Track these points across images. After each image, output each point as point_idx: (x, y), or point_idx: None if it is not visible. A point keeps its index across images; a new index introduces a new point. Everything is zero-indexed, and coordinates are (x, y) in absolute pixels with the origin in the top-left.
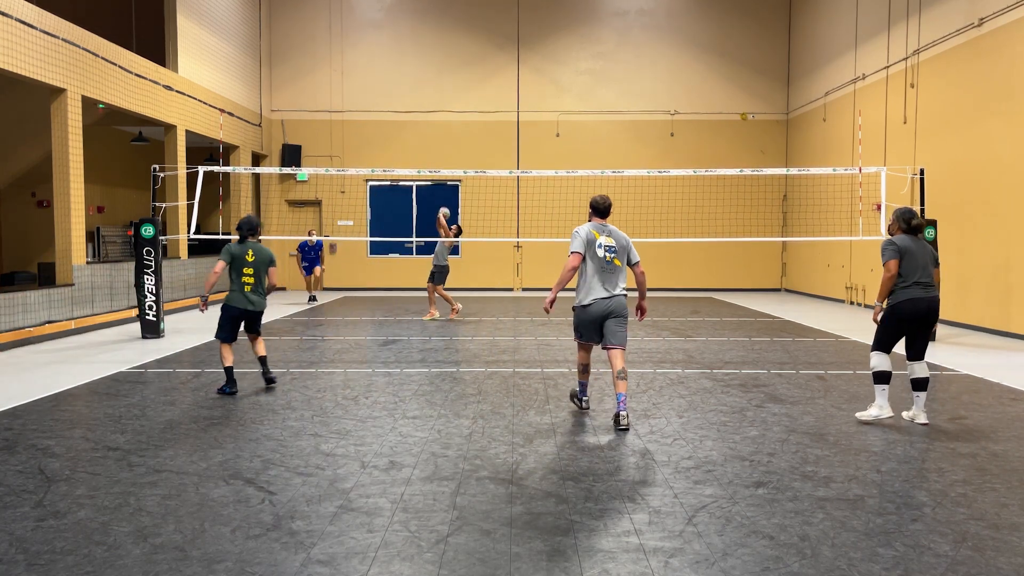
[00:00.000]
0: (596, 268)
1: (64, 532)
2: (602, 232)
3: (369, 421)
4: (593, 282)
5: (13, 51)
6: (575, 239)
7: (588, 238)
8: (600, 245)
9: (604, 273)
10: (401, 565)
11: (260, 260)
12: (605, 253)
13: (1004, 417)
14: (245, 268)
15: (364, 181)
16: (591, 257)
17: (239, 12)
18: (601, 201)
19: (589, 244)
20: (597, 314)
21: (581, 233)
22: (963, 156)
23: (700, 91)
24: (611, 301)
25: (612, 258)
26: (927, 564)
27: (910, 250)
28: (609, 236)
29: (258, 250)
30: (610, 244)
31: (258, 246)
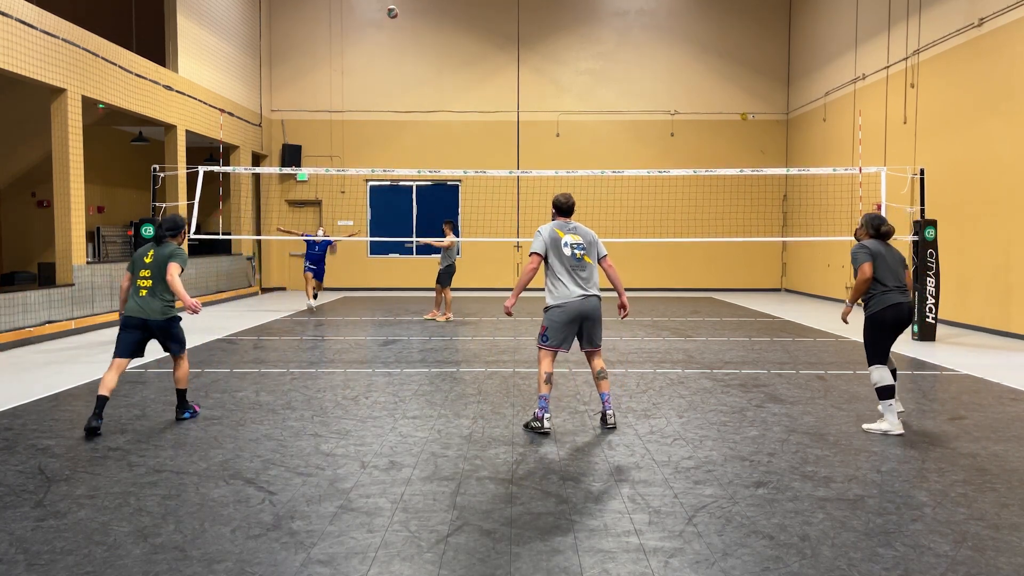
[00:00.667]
0: (566, 267)
1: (64, 532)
2: (566, 230)
3: (369, 421)
4: (566, 281)
5: (13, 51)
6: (536, 239)
7: (551, 237)
8: (566, 244)
9: (576, 271)
10: (401, 565)
11: (158, 259)
12: (573, 251)
13: (1004, 417)
14: (142, 270)
15: (364, 181)
16: (558, 257)
17: (239, 12)
18: (564, 200)
19: (553, 244)
20: (573, 314)
21: (543, 233)
22: (963, 156)
23: (700, 91)
24: (586, 303)
25: (582, 255)
26: (927, 564)
27: (881, 254)
28: (575, 233)
29: (161, 249)
30: (577, 241)
31: (167, 246)
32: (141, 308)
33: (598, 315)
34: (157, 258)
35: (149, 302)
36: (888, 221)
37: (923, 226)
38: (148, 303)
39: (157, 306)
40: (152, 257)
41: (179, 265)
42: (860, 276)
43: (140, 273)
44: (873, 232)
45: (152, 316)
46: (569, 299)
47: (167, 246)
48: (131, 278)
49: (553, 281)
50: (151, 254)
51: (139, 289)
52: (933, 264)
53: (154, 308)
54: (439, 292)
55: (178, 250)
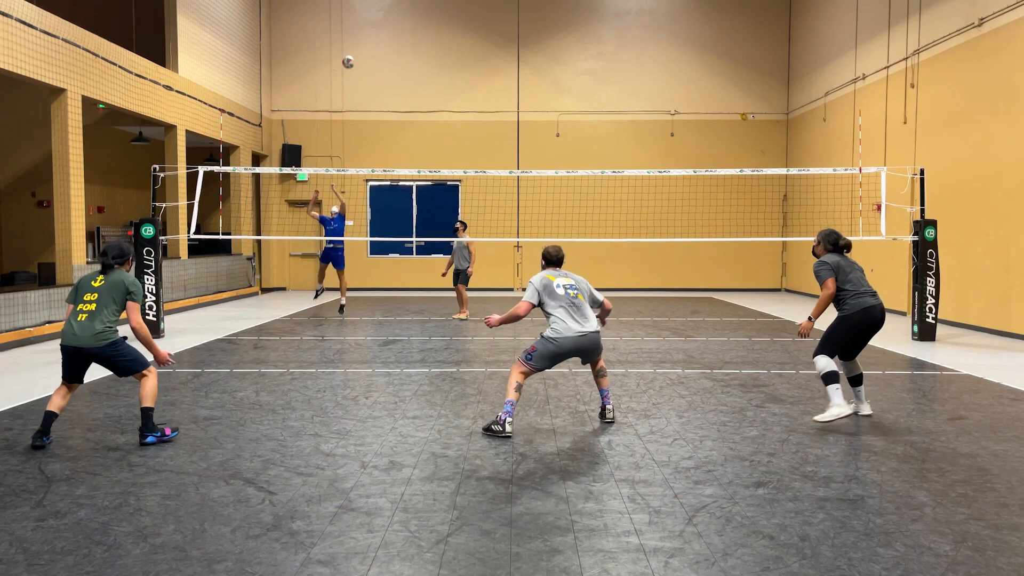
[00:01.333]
0: (563, 306)
1: (64, 532)
2: (558, 275)
3: (369, 421)
4: (564, 318)
5: (13, 51)
6: (529, 289)
7: (543, 284)
8: (559, 285)
9: (572, 308)
10: (401, 565)
11: (108, 286)
12: (567, 291)
13: (1004, 417)
14: (86, 294)
15: (364, 181)
16: (553, 298)
17: (239, 12)
18: (555, 252)
19: (546, 289)
20: (567, 350)
21: (535, 282)
22: (963, 156)
23: (700, 91)
24: (584, 339)
25: (575, 294)
26: (927, 564)
27: (841, 266)
28: (567, 277)
29: (112, 276)
30: (569, 283)
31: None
32: (75, 335)
33: (597, 347)
34: (107, 284)
35: (85, 327)
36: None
37: (923, 226)
38: (84, 327)
39: (93, 329)
40: (101, 282)
41: (139, 304)
42: (825, 291)
43: (84, 297)
44: (831, 247)
45: (86, 344)
46: (567, 335)
47: (117, 273)
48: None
49: (552, 320)
50: (100, 279)
51: (78, 313)
52: (933, 264)
53: (87, 333)
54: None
55: (133, 282)
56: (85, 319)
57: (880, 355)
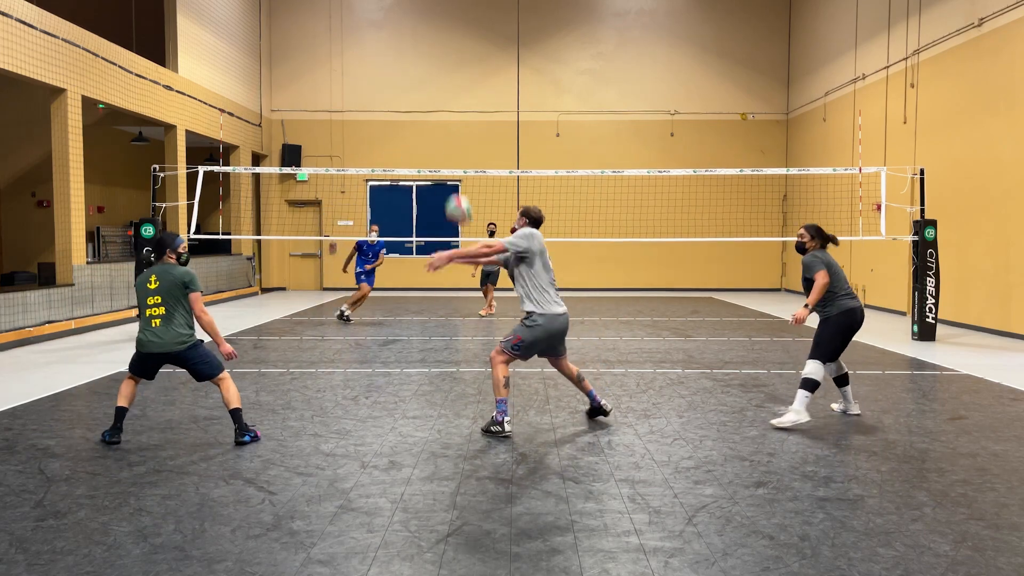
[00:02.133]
0: (550, 280)
1: (64, 532)
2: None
3: (369, 421)
4: (552, 295)
5: (13, 51)
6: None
7: (541, 247)
8: (548, 257)
9: (553, 287)
10: (401, 565)
11: (165, 286)
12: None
13: (1004, 417)
14: (148, 297)
15: (364, 181)
16: (545, 267)
17: (239, 12)
18: (536, 212)
19: (542, 254)
20: (553, 332)
21: (538, 237)
22: (963, 156)
23: (700, 91)
24: (565, 320)
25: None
26: (927, 564)
27: (832, 263)
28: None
29: (164, 273)
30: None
31: (168, 268)
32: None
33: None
34: (164, 285)
35: (162, 332)
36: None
37: (923, 226)
38: (163, 333)
39: (172, 334)
40: (156, 283)
41: (199, 292)
42: (820, 282)
43: (147, 301)
44: (822, 242)
45: (165, 348)
46: (555, 315)
47: (166, 268)
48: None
49: (540, 292)
50: (153, 279)
51: (149, 320)
52: (933, 264)
53: (168, 338)
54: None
55: (186, 272)
56: (160, 324)
57: (880, 355)
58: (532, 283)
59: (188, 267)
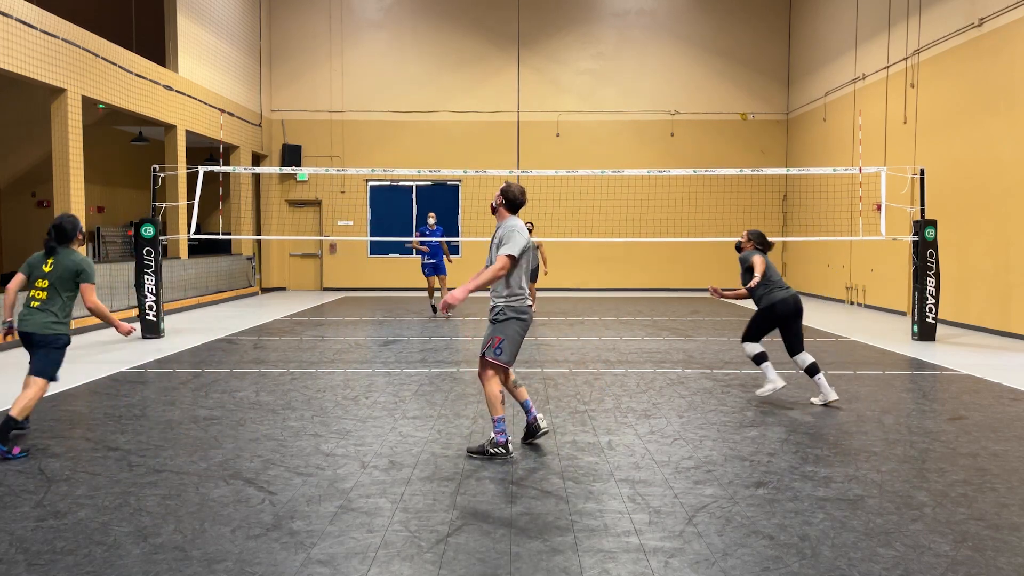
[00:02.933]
0: (526, 274)
1: (64, 532)
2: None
3: (369, 421)
4: (526, 289)
5: (13, 51)
6: (515, 238)
7: (529, 244)
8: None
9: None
10: (401, 565)
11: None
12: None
13: (1004, 417)
14: (38, 280)
15: (364, 181)
16: (525, 261)
17: (239, 12)
18: (520, 194)
19: (526, 251)
20: (527, 327)
21: (525, 233)
22: (963, 156)
23: (700, 91)
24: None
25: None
26: (927, 564)
27: (767, 261)
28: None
29: (62, 258)
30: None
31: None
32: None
33: None
34: (58, 270)
35: (35, 315)
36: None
37: (923, 226)
38: (34, 316)
39: (41, 319)
40: (51, 266)
41: (93, 284)
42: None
43: (36, 283)
44: (760, 246)
45: (35, 329)
46: (528, 310)
47: (65, 254)
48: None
49: (515, 287)
50: (50, 262)
51: (31, 300)
52: (933, 264)
53: (37, 321)
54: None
55: (85, 262)
56: (37, 307)
57: (880, 355)
58: (512, 278)
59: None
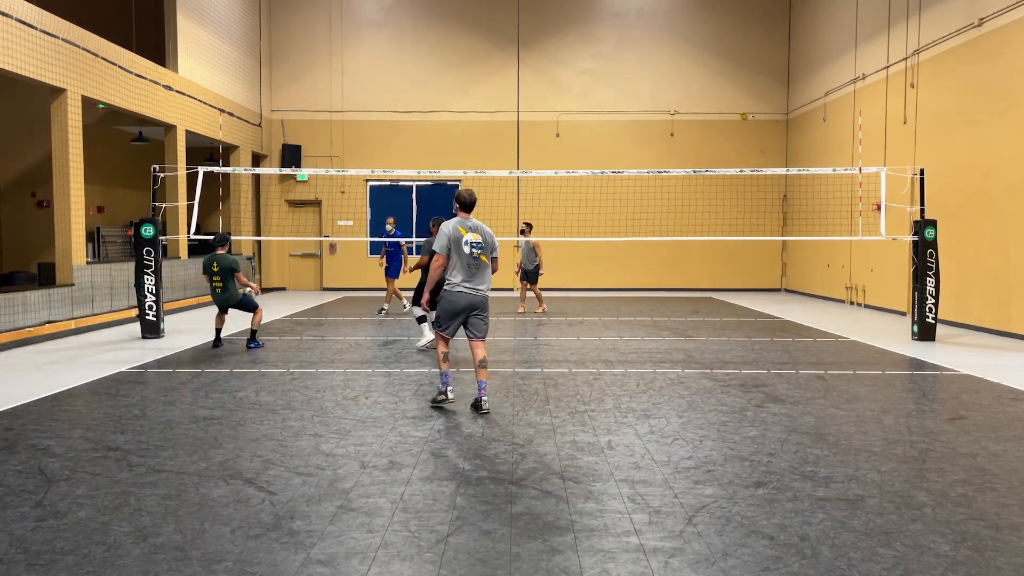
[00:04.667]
0: (463, 264)
1: (64, 532)
2: (468, 228)
3: (369, 421)
4: (461, 277)
5: (13, 51)
6: (440, 238)
7: (454, 236)
8: (467, 242)
9: (470, 269)
10: (401, 565)
11: (223, 270)
12: (471, 250)
13: (1004, 417)
14: (214, 278)
15: (364, 181)
16: (458, 254)
17: (239, 12)
18: (468, 196)
19: (455, 243)
20: (462, 305)
21: (446, 231)
22: (963, 156)
23: (700, 91)
24: (476, 296)
25: (479, 254)
26: (927, 564)
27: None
28: (475, 232)
29: (221, 261)
30: (477, 241)
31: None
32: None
33: (486, 309)
34: (222, 269)
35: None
36: None
37: (923, 226)
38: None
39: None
40: (217, 267)
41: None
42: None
43: (213, 280)
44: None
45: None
46: (461, 289)
47: (222, 256)
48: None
49: (451, 274)
50: (215, 265)
51: (214, 288)
52: (933, 264)
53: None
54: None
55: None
56: (220, 291)
57: (880, 355)
58: (448, 268)
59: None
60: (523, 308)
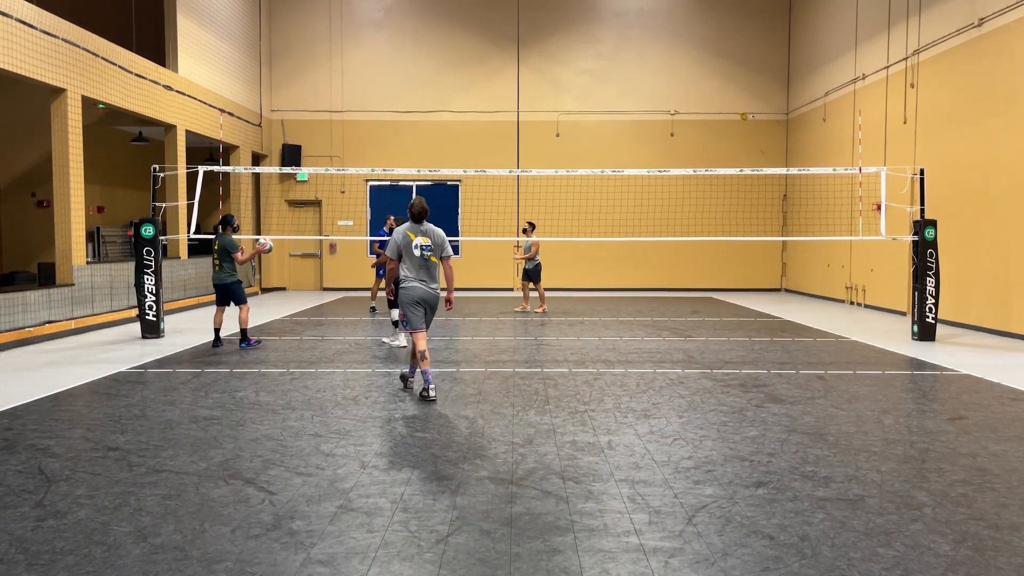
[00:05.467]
0: (414, 265)
1: (64, 532)
2: (417, 233)
3: (369, 421)
4: (413, 276)
5: (13, 51)
6: (390, 245)
7: (403, 242)
8: (416, 246)
9: (421, 270)
10: (401, 565)
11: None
12: (422, 252)
13: (1004, 417)
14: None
15: (364, 181)
16: (408, 256)
17: (239, 12)
18: (417, 207)
19: (404, 247)
20: (417, 298)
21: (396, 237)
22: (963, 156)
23: (700, 91)
24: (429, 294)
25: (428, 255)
26: (927, 564)
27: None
28: (424, 236)
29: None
30: (426, 243)
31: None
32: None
33: (435, 305)
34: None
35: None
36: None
37: (923, 226)
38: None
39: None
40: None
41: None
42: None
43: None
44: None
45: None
46: (408, 287)
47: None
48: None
49: (404, 274)
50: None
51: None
52: (933, 264)
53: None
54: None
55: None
56: (217, 269)
57: (880, 355)
58: (401, 269)
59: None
60: (525, 307)
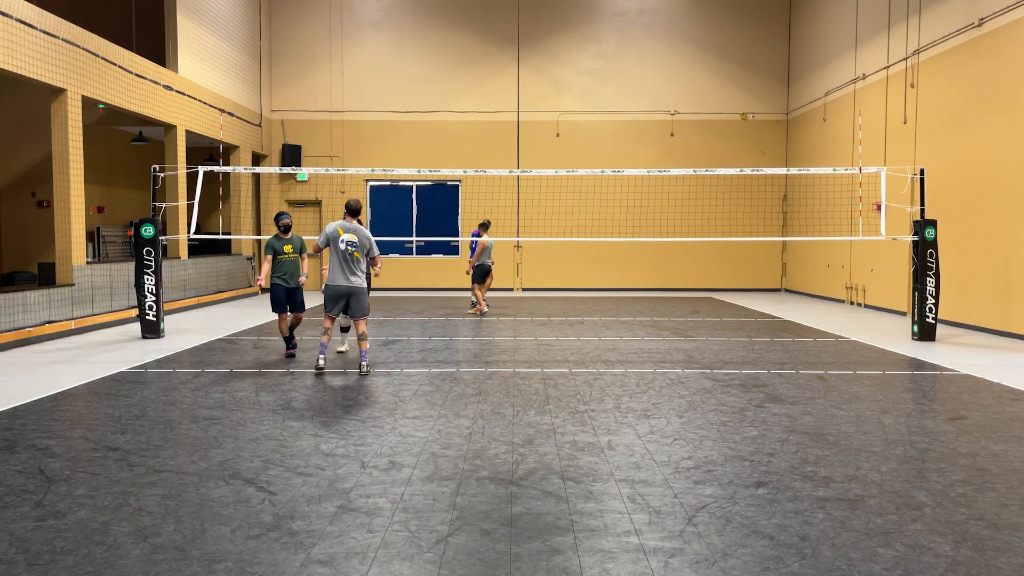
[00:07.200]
0: (339, 259)
1: (64, 532)
2: (347, 230)
3: (369, 421)
4: (337, 268)
5: (13, 51)
6: (322, 235)
7: (332, 235)
8: (342, 241)
9: (345, 263)
10: (401, 565)
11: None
12: (347, 247)
13: (1004, 417)
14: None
15: (364, 181)
16: (334, 249)
17: (239, 12)
18: (354, 204)
19: (332, 240)
20: (337, 293)
21: (327, 230)
22: (963, 156)
23: (700, 91)
24: (350, 286)
25: (353, 251)
26: (927, 564)
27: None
28: (352, 234)
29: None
30: (352, 240)
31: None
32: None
33: (359, 294)
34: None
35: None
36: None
37: (923, 226)
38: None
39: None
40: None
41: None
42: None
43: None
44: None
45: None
46: (336, 282)
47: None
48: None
49: (332, 266)
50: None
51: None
52: (933, 264)
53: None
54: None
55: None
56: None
57: (880, 355)
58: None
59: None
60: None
